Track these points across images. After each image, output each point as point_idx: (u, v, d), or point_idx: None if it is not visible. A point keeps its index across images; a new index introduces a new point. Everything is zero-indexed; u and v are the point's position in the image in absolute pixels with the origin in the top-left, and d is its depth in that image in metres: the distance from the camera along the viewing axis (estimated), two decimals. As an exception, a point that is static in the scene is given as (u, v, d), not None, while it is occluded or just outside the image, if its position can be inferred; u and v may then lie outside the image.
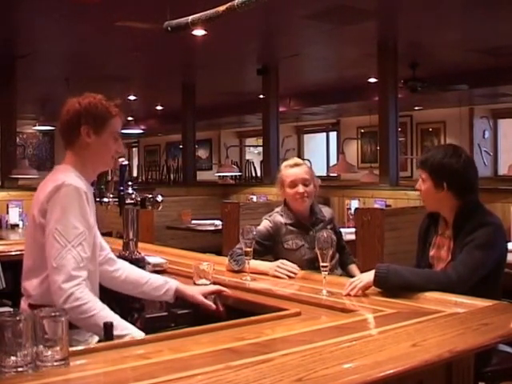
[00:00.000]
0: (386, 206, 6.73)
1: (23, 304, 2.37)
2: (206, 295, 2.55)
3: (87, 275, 2.28)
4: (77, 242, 2.23)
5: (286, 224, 3.41)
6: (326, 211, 3.61)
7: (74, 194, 2.28)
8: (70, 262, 2.20)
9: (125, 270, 2.67)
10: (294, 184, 3.41)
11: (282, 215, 3.45)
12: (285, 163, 3.55)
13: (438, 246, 2.94)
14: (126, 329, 2.16)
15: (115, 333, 2.06)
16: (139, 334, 2.15)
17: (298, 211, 3.45)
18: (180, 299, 2.59)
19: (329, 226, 3.47)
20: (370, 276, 2.52)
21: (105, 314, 2.18)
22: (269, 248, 3.38)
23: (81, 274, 2.21)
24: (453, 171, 2.82)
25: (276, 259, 3.19)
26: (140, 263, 2.93)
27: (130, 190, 3.01)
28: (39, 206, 2.31)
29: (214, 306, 2.51)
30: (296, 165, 3.48)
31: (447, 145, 3.07)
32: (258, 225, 3.38)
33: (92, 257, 2.37)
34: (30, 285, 2.35)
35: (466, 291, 2.47)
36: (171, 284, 2.61)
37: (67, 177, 2.33)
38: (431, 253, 2.96)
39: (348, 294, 2.50)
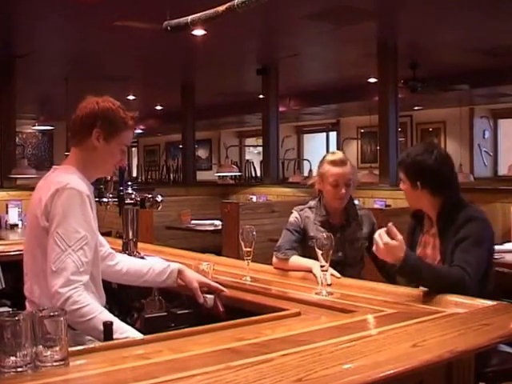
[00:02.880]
0: (386, 206, 6.73)
1: (29, 308, 2.33)
2: (203, 285, 2.54)
3: (90, 279, 2.27)
4: (77, 246, 2.20)
5: (314, 221, 3.31)
6: (366, 216, 3.42)
7: (76, 198, 2.25)
8: (70, 266, 2.17)
9: (126, 263, 2.68)
10: (336, 183, 3.27)
11: (312, 211, 3.35)
12: (330, 157, 3.34)
13: (424, 245, 2.91)
14: (125, 332, 2.14)
15: (114, 336, 2.05)
16: (138, 337, 2.14)
17: (332, 209, 3.34)
18: (180, 282, 2.60)
19: (363, 231, 3.35)
20: (398, 255, 2.39)
21: (103, 316, 2.15)
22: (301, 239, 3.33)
23: (81, 278, 2.18)
24: (425, 169, 2.81)
25: (302, 252, 3.21)
26: (140, 263, 2.92)
27: (130, 190, 3.00)
28: (42, 208, 2.26)
29: (202, 299, 2.51)
30: (342, 163, 3.29)
31: (422, 143, 3.11)
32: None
33: (95, 261, 2.35)
34: (38, 289, 2.31)
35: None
36: (173, 267, 2.62)
37: (70, 179, 2.29)
38: (417, 252, 2.92)
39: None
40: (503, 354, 2.97)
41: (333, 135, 14.86)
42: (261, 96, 9.27)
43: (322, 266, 2.57)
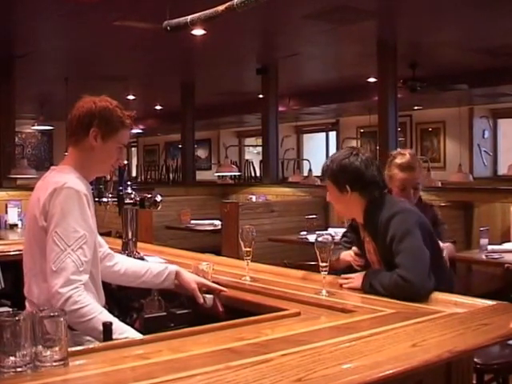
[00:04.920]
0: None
1: (29, 308, 2.34)
2: (201, 286, 2.54)
3: (90, 278, 2.28)
4: (77, 245, 2.21)
5: None
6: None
7: (74, 197, 2.25)
8: (70, 266, 2.17)
9: (124, 263, 2.68)
10: (403, 187, 3.32)
11: None
12: (398, 161, 3.37)
13: (368, 252, 2.86)
14: (124, 332, 2.15)
15: (113, 336, 2.05)
16: (138, 337, 2.14)
17: None
18: (177, 285, 2.60)
19: None
20: (359, 282, 2.62)
21: (103, 317, 2.15)
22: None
23: (80, 278, 2.19)
24: (353, 170, 2.75)
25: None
26: (139, 263, 2.92)
27: (129, 190, 3.00)
28: (41, 208, 2.27)
29: (201, 300, 2.51)
30: (409, 168, 3.29)
31: (344, 149, 2.96)
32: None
33: (94, 260, 2.35)
34: (37, 289, 2.31)
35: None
36: (171, 269, 2.62)
37: (68, 179, 2.30)
38: (369, 259, 2.88)
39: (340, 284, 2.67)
40: (510, 347, 2.99)
41: (332, 135, 14.86)
42: (260, 96, 9.27)
43: (322, 267, 2.57)
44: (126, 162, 3.05)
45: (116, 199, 2.97)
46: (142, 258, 2.99)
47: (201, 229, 7.62)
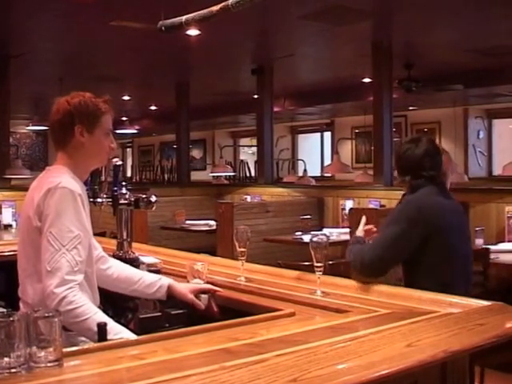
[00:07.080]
0: (381, 206, 6.74)
1: (23, 308, 2.33)
2: (196, 293, 2.53)
3: (85, 278, 2.27)
4: (71, 245, 2.20)
5: None
6: None
7: (68, 197, 2.25)
8: (64, 266, 2.17)
9: (117, 269, 2.67)
10: None
11: None
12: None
13: None
14: (119, 333, 2.14)
15: (108, 337, 2.05)
16: (133, 338, 2.14)
17: None
18: (172, 298, 2.58)
19: None
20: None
21: (98, 317, 2.15)
22: None
23: (75, 278, 2.18)
24: (395, 156, 3.27)
25: None
26: (134, 263, 2.91)
27: (124, 190, 2.99)
28: (35, 208, 2.27)
29: (202, 306, 2.51)
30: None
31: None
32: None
33: (89, 260, 2.35)
34: (32, 289, 2.31)
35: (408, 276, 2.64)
36: (163, 281, 2.60)
37: (62, 179, 2.30)
38: None
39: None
40: None
41: (327, 135, 14.86)
42: (255, 96, 9.27)
43: (317, 267, 2.56)
44: (121, 162, 3.04)
45: (111, 199, 2.96)
46: (136, 259, 2.98)
47: (196, 229, 7.62)
